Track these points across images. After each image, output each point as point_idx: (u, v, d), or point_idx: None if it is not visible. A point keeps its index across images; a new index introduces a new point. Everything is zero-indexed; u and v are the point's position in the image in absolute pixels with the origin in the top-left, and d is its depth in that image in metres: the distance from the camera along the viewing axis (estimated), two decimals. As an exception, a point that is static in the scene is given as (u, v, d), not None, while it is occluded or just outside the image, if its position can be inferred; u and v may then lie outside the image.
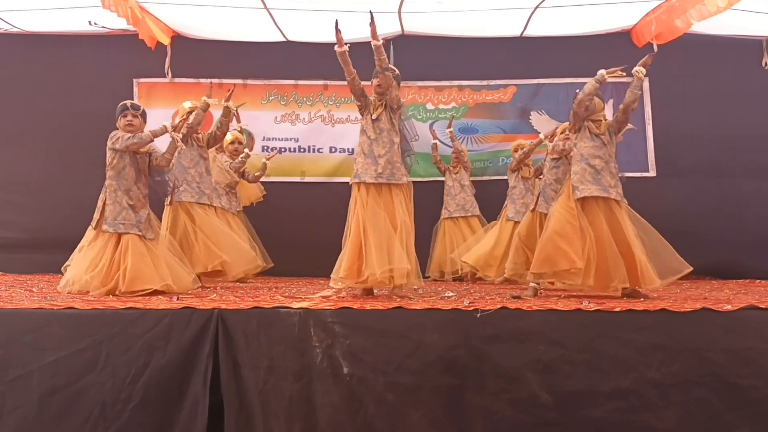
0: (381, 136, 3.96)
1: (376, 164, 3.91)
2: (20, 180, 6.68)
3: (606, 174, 3.95)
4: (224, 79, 6.83)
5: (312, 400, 2.94)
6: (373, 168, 3.90)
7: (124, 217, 4.05)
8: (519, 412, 2.90)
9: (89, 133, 6.57)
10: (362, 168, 3.93)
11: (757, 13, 5.78)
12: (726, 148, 6.61)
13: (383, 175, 3.90)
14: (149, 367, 2.94)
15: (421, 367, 2.95)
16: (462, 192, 6.32)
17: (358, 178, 3.94)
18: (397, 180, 3.93)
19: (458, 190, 6.31)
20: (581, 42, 6.69)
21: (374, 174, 3.90)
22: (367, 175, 3.90)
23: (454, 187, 6.33)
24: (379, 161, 3.91)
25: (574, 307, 3.17)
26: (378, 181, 3.90)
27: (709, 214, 6.42)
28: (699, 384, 2.91)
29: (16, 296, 3.80)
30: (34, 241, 6.57)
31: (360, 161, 3.96)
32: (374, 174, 3.90)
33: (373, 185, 3.91)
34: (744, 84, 6.61)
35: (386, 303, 3.31)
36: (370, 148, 3.94)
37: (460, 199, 6.29)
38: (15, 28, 6.57)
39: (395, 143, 3.98)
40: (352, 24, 4.77)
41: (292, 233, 6.23)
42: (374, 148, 3.94)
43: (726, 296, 4.00)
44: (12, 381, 2.92)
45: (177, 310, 3.11)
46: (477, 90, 6.92)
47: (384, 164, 3.90)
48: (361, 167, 3.94)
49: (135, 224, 4.06)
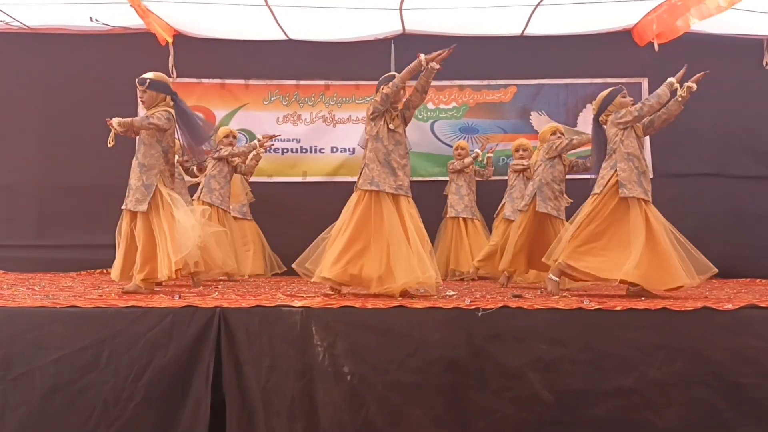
0: (398, 148, 3.98)
1: (394, 175, 3.91)
2: (20, 179, 6.69)
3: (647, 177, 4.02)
4: (227, 79, 6.87)
5: (314, 398, 2.94)
6: (392, 179, 3.91)
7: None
8: (520, 411, 2.91)
9: (92, 132, 6.60)
10: (379, 176, 3.91)
11: (757, 12, 5.79)
12: (726, 148, 6.61)
13: (402, 187, 3.93)
14: (151, 366, 2.94)
15: (423, 366, 2.95)
16: (471, 194, 6.34)
17: (375, 185, 3.90)
18: (407, 192, 3.98)
19: (467, 191, 6.33)
20: (582, 42, 6.70)
21: (394, 185, 3.91)
22: (386, 185, 3.89)
23: (463, 187, 6.33)
24: (398, 173, 3.93)
25: (575, 306, 3.18)
26: (398, 193, 3.91)
27: (707, 214, 6.41)
28: (700, 383, 2.92)
29: (19, 295, 3.80)
30: (35, 240, 6.59)
31: (376, 169, 3.93)
32: (394, 185, 3.91)
33: (391, 195, 3.91)
34: (744, 84, 6.61)
35: (388, 302, 3.31)
36: (387, 158, 3.93)
37: (468, 200, 6.30)
38: (17, 21, 6.54)
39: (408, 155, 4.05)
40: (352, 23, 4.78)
41: (294, 232, 6.20)
42: (392, 158, 3.94)
43: (727, 295, 4.01)
44: (14, 379, 2.92)
45: (179, 308, 3.12)
46: (477, 90, 6.93)
47: (402, 177, 3.94)
48: (378, 175, 3.91)
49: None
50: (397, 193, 3.91)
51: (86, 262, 6.35)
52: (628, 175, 3.94)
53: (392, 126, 3.98)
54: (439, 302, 3.30)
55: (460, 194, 6.30)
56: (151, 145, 4.23)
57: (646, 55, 6.50)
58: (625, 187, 3.91)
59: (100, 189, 6.47)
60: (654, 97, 4.00)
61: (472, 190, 6.38)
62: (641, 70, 6.72)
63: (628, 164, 3.96)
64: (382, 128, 3.97)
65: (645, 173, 4.00)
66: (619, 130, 4.05)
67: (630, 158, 3.97)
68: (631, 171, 3.94)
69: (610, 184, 3.97)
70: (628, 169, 3.95)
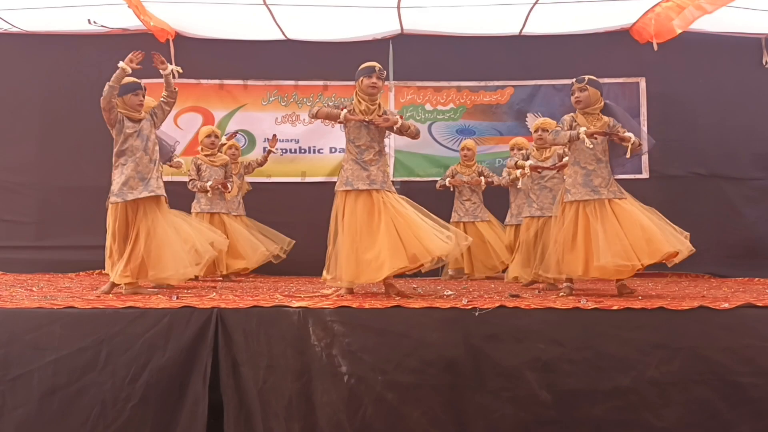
0: (373, 145, 4.06)
1: (367, 170, 3.97)
2: (20, 180, 6.69)
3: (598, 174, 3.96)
4: (225, 79, 6.87)
5: (311, 398, 2.94)
6: (364, 174, 3.97)
7: None
8: (518, 411, 2.90)
9: (90, 134, 6.60)
10: (353, 175, 3.99)
11: (756, 10, 5.78)
12: (724, 148, 6.61)
13: (376, 182, 3.96)
14: (149, 366, 2.94)
15: (421, 366, 2.95)
16: (474, 195, 6.35)
17: (350, 185, 3.97)
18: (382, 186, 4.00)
19: (469, 194, 6.33)
20: (580, 42, 6.70)
21: (367, 181, 3.96)
22: (360, 182, 3.96)
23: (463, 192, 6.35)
24: (370, 168, 3.98)
25: (573, 306, 3.18)
26: (371, 188, 3.95)
27: (705, 214, 6.41)
28: (698, 382, 2.91)
29: (17, 296, 3.80)
30: (35, 241, 6.59)
31: (349, 169, 4.01)
32: (367, 181, 3.96)
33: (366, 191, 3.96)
34: (743, 83, 6.61)
35: (385, 302, 3.32)
36: (359, 157, 4.02)
37: (469, 205, 6.31)
38: (15, 27, 6.58)
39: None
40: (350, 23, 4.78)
41: (292, 232, 6.24)
42: (363, 157, 4.01)
43: (724, 294, 4.01)
44: (12, 380, 2.91)
45: (177, 309, 3.12)
46: (475, 91, 6.94)
47: (375, 172, 3.98)
48: (351, 174, 4.00)
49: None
50: (370, 188, 3.94)
51: (85, 263, 6.35)
52: (572, 180, 4.00)
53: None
54: (436, 302, 3.30)
55: (461, 199, 6.32)
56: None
57: (644, 55, 6.51)
58: (569, 192, 3.99)
59: (100, 189, 6.38)
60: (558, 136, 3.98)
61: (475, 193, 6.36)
62: (639, 70, 6.73)
63: (572, 168, 4.03)
64: (352, 128, 4.05)
65: (594, 171, 3.94)
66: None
67: (575, 162, 4.02)
68: (575, 174, 3.99)
69: (562, 193, 4.09)
70: (573, 174, 4.02)
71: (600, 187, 3.92)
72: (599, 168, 3.97)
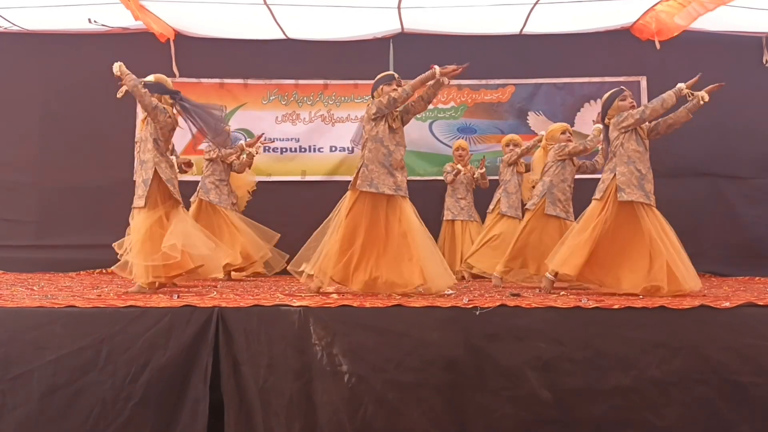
0: (398, 149, 4.00)
1: (393, 176, 3.92)
2: (20, 179, 6.69)
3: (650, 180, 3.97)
4: (225, 78, 6.87)
5: (312, 398, 2.94)
6: (390, 180, 3.92)
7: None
8: (519, 410, 2.90)
9: (91, 133, 6.61)
10: (378, 178, 3.91)
11: (756, 9, 5.77)
12: (725, 147, 6.60)
13: (401, 188, 3.94)
14: (150, 366, 2.94)
15: (421, 365, 2.95)
16: (469, 194, 6.38)
17: (375, 188, 3.91)
18: (405, 193, 3.99)
19: (464, 193, 6.35)
20: (580, 41, 6.70)
21: (393, 186, 3.91)
22: (385, 186, 3.90)
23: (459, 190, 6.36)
24: (396, 174, 3.93)
25: (573, 305, 3.18)
26: (396, 194, 3.92)
27: (705, 214, 6.41)
28: (699, 381, 2.91)
29: (17, 295, 3.80)
30: (35, 240, 6.59)
31: (375, 170, 3.92)
32: (393, 186, 3.91)
33: (389, 196, 3.92)
34: (743, 81, 6.59)
35: (386, 301, 3.31)
36: (387, 159, 3.94)
37: (464, 204, 6.33)
38: (15, 26, 6.58)
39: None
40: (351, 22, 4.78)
41: (293, 232, 6.22)
42: (392, 159, 3.95)
43: (725, 293, 4.01)
44: (12, 379, 2.91)
45: (177, 308, 3.11)
46: (476, 89, 6.94)
47: (401, 178, 3.95)
48: (377, 176, 3.91)
49: None
50: (395, 194, 3.91)
51: (86, 262, 6.36)
52: (627, 179, 3.92)
53: (395, 126, 3.99)
54: (437, 301, 3.30)
55: (456, 197, 6.32)
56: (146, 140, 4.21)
57: (645, 54, 6.50)
58: (624, 191, 3.90)
59: (100, 189, 6.49)
60: (658, 101, 3.96)
61: (470, 191, 6.40)
62: (640, 69, 6.72)
63: (627, 168, 3.95)
64: (383, 129, 3.96)
65: (646, 177, 3.95)
66: (621, 134, 4.02)
67: (630, 162, 3.95)
68: (630, 174, 3.92)
69: (610, 189, 3.98)
70: (628, 173, 3.93)
71: (651, 194, 3.93)
72: (649, 174, 3.98)
